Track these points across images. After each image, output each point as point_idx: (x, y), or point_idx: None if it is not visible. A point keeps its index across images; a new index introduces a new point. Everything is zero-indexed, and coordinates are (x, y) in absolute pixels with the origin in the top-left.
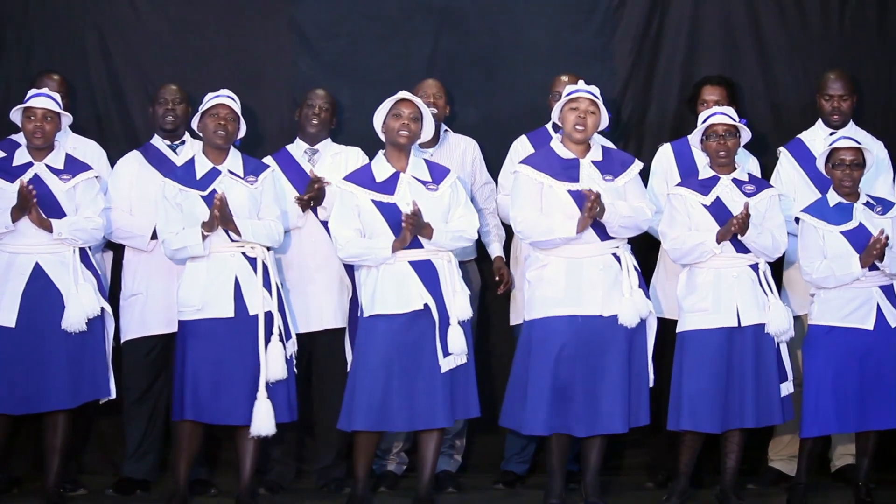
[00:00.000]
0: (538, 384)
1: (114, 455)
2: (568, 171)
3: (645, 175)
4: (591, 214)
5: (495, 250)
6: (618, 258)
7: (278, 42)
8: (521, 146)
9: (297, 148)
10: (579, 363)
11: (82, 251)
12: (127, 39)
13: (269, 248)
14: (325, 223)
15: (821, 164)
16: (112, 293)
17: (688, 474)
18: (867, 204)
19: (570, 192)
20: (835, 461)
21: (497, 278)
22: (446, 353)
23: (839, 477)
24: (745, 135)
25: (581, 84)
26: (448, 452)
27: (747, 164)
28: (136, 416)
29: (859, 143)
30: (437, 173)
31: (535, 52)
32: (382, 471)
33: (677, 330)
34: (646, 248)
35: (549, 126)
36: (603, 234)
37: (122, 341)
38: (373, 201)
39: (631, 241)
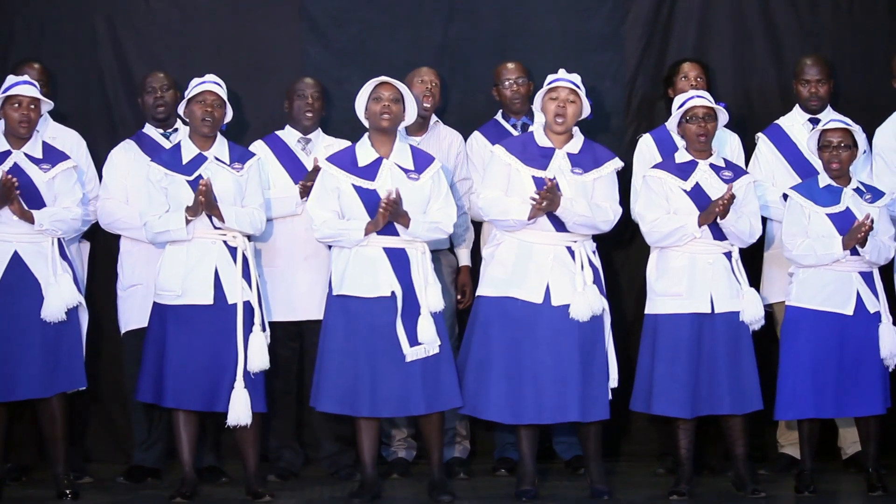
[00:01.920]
0: (482, 366)
1: (124, 444)
2: (540, 159)
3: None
4: (541, 205)
5: (462, 258)
6: (572, 252)
7: (288, 30)
8: (476, 141)
9: (290, 136)
10: (526, 349)
11: (59, 242)
12: (137, 28)
13: (249, 238)
14: None
15: (812, 147)
16: (108, 284)
17: (690, 459)
18: (857, 190)
19: (534, 178)
20: (845, 449)
21: (459, 296)
22: (413, 343)
23: (852, 464)
24: (723, 118)
25: (562, 72)
26: (456, 439)
27: (730, 142)
28: (141, 406)
29: (849, 125)
30: (421, 161)
31: (546, 40)
32: (393, 458)
33: (646, 311)
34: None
35: (498, 116)
36: (560, 225)
37: (122, 332)
38: (353, 185)
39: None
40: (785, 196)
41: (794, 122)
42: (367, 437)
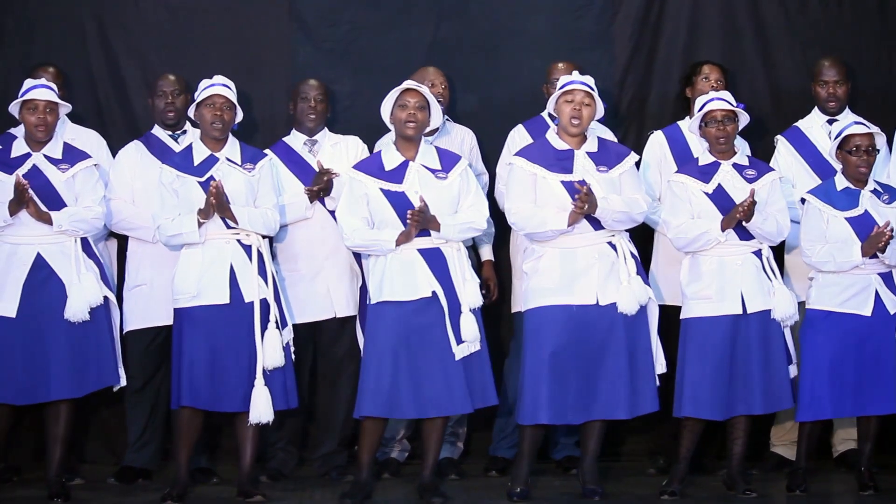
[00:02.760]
0: (534, 375)
1: (115, 445)
2: (562, 162)
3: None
4: (581, 209)
5: (485, 253)
6: (614, 246)
7: (278, 30)
8: (518, 135)
9: (296, 139)
10: (576, 353)
11: (84, 240)
12: (126, 28)
13: (264, 237)
14: (333, 212)
15: (832, 151)
16: (116, 283)
17: (688, 459)
18: (874, 192)
19: (563, 183)
20: (837, 446)
21: (484, 291)
22: (459, 341)
23: (842, 462)
24: (743, 119)
25: (576, 75)
26: (450, 440)
27: (741, 149)
28: (138, 405)
29: (872, 129)
30: (447, 161)
31: (535, 39)
32: (385, 458)
33: (681, 317)
34: (644, 236)
35: (545, 114)
36: (597, 224)
37: (124, 332)
38: (381, 190)
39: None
40: (803, 200)
41: (813, 124)
42: (369, 440)
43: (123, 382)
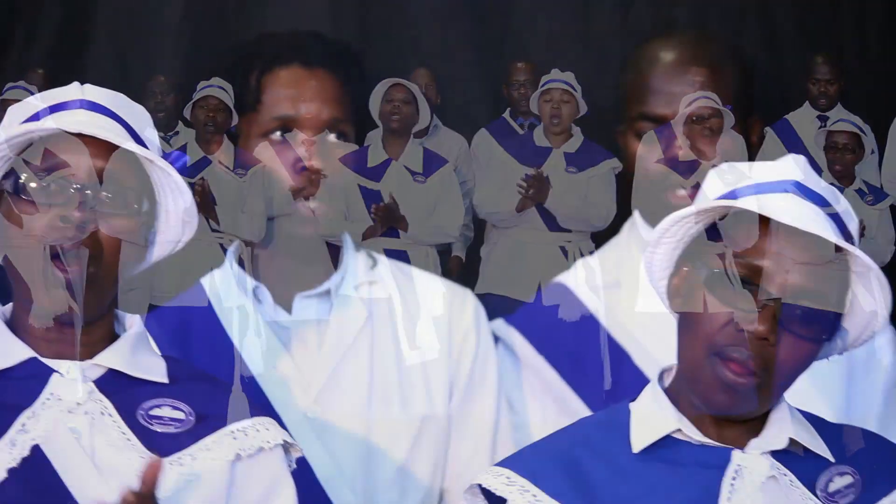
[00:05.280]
0: None
1: None
2: (535, 158)
3: None
4: (528, 193)
5: (455, 249)
6: (565, 252)
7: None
8: (481, 139)
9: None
10: None
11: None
12: (134, 28)
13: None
14: None
15: (819, 145)
16: None
17: None
18: (859, 191)
19: (526, 175)
20: None
21: None
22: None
23: None
24: (728, 120)
25: (555, 73)
26: None
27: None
28: None
29: (857, 129)
30: (431, 164)
31: (544, 39)
32: None
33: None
34: None
35: (506, 115)
36: (552, 224)
37: None
38: (358, 185)
39: None
40: None
41: (803, 119)
42: None
43: None
